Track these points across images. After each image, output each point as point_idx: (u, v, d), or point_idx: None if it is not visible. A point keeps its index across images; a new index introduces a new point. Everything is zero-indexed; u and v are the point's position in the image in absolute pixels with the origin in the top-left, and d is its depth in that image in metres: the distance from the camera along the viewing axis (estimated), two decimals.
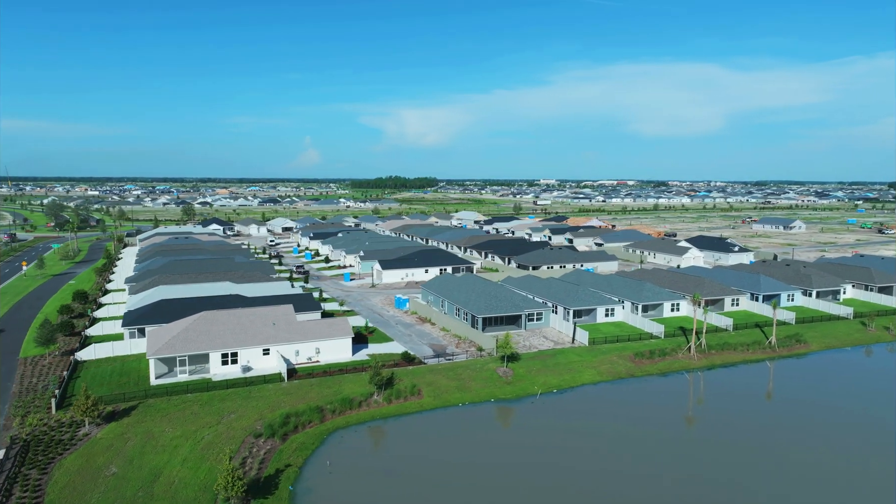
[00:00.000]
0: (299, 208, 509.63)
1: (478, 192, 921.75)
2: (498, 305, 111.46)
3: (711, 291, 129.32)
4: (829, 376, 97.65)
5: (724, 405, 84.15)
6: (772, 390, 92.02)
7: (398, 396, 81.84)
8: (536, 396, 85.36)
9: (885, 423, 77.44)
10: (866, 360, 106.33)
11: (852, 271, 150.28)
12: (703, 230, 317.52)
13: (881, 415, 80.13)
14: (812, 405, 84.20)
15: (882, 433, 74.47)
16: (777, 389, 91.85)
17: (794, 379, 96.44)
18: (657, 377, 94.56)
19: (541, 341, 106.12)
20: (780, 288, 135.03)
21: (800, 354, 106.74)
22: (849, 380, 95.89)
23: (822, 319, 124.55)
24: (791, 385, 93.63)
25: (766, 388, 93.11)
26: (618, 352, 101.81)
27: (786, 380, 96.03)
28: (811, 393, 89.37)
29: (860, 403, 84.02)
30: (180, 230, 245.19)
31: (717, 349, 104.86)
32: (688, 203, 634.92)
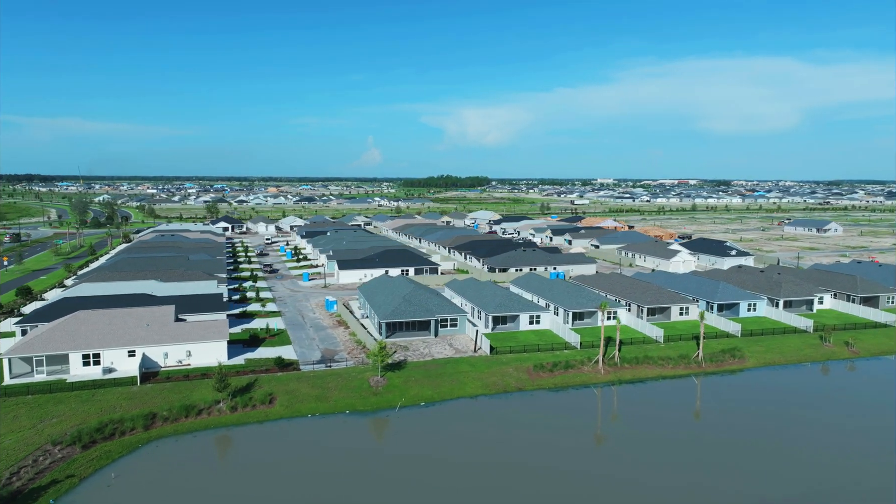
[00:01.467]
0: (332, 207, 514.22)
1: (524, 192, 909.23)
2: (409, 310, 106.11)
3: (657, 299, 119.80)
4: (750, 397, 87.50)
5: (590, 428, 76.35)
6: (665, 412, 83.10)
7: (246, 405, 78.11)
8: (396, 409, 79.90)
9: (786, 454, 68.09)
10: (807, 378, 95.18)
11: (836, 279, 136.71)
12: (731, 231, 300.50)
13: (785, 444, 70.66)
14: (705, 431, 75.34)
15: (778, 468, 65.43)
16: (674, 411, 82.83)
17: (705, 399, 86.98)
18: (547, 392, 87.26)
19: (443, 349, 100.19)
20: (741, 296, 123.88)
21: (730, 371, 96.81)
22: (769, 402, 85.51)
23: (775, 332, 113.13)
24: (693, 406, 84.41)
25: (657, 408, 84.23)
26: (519, 363, 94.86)
27: (692, 400, 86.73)
28: (713, 417, 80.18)
29: (767, 431, 74.56)
30: (180, 228, 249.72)
31: (633, 363, 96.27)
32: (737, 203, 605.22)
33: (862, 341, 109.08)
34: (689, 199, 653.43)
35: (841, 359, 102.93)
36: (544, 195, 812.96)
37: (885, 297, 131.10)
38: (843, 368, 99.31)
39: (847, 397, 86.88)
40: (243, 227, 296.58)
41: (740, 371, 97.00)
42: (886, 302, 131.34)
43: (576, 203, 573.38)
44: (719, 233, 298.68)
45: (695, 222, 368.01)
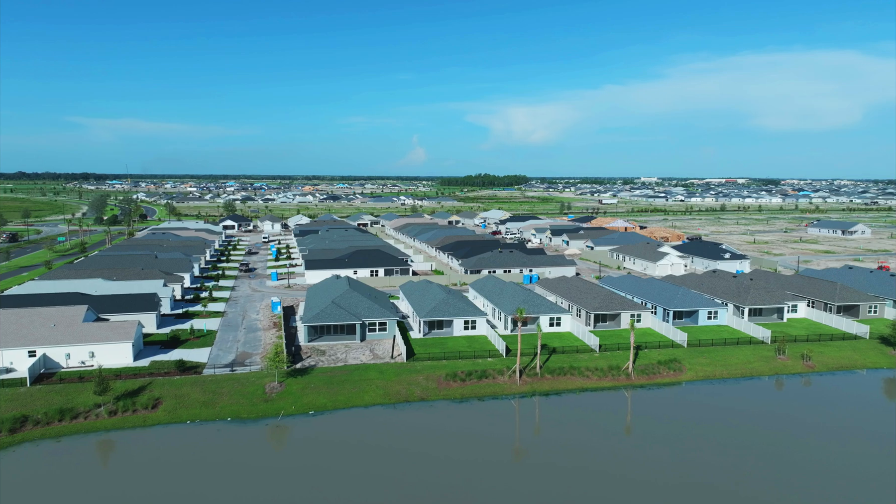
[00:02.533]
0: (355, 205, 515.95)
1: (559, 191, 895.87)
2: (335, 314, 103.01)
3: (606, 305, 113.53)
4: (670, 413, 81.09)
5: (475, 442, 71.57)
6: (565, 428, 77.55)
7: (127, 409, 76.38)
8: (278, 418, 76.90)
9: (685, 480, 62.29)
10: (744, 395, 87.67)
11: (816, 286, 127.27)
12: (750, 233, 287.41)
13: (685, 469, 64.73)
14: (602, 450, 69.77)
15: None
16: (575, 428, 77.22)
17: (618, 415, 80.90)
18: (450, 403, 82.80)
19: (362, 355, 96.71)
20: (702, 303, 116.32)
21: (662, 384, 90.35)
22: (689, 419, 78.88)
23: (727, 342, 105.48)
24: (601, 423, 78.47)
25: (560, 424, 78.72)
26: (433, 371, 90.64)
27: (601, 415, 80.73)
28: (618, 435, 74.37)
29: (672, 451, 68.64)
30: (179, 226, 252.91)
31: (558, 374, 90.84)
32: (776, 203, 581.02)
33: (823, 354, 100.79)
34: (725, 199, 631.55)
35: (792, 373, 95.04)
36: (578, 194, 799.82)
37: (867, 305, 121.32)
38: (789, 384, 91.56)
39: (777, 417, 79.52)
40: (250, 226, 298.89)
41: (674, 385, 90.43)
42: (868, 311, 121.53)
43: (604, 202, 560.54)
44: (736, 234, 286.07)
45: (717, 223, 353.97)
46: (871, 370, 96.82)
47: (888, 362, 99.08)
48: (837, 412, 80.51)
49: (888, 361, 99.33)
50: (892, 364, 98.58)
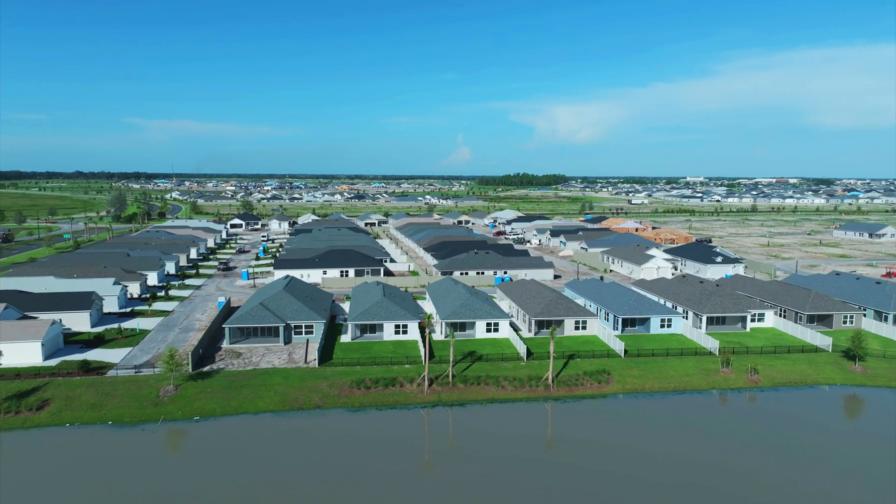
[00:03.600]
0: (378, 204, 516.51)
1: (595, 191, 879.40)
2: (259, 315, 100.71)
3: (549, 310, 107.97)
4: (572, 431, 75.84)
5: (350, 454, 67.82)
6: (449, 443, 73.19)
7: (10, 410, 75.65)
8: (158, 423, 74.87)
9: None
10: (667, 410, 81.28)
11: (790, 294, 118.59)
12: (769, 236, 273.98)
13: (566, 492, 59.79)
14: (482, 468, 65.25)
15: None
16: (469, 440, 72.71)
17: (520, 429, 75.79)
18: (345, 411, 79.35)
19: (277, 358, 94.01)
20: (655, 311, 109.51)
21: (583, 396, 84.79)
22: (591, 436, 73.53)
23: (670, 353, 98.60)
24: (493, 438, 73.62)
25: (446, 437, 74.36)
26: (340, 377, 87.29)
27: (499, 429, 75.80)
28: (507, 453, 69.57)
29: (558, 472, 63.78)
30: (180, 225, 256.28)
31: (473, 383, 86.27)
32: (817, 204, 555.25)
33: (772, 368, 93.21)
34: (764, 199, 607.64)
35: (731, 388, 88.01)
36: (613, 194, 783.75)
37: (841, 315, 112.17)
38: (723, 400, 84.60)
39: (691, 434, 73.20)
40: (258, 224, 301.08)
41: (594, 398, 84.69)
42: (842, 322, 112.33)
43: (632, 202, 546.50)
44: (755, 236, 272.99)
45: (741, 225, 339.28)
46: (821, 386, 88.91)
47: (844, 378, 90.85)
48: (758, 431, 73.64)
49: (844, 377, 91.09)
50: (847, 380, 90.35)
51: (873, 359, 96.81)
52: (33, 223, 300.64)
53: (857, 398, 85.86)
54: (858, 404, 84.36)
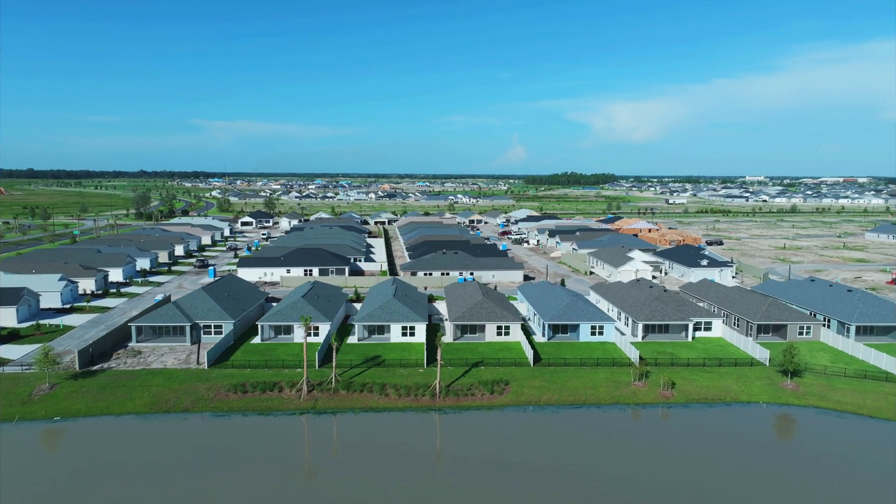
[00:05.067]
0: (408, 203, 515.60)
1: (641, 191, 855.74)
2: (167, 315, 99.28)
3: (471, 315, 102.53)
4: (430, 444, 70.81)
5: (175, 460, 64.82)
6: (286, 454, 69.20)
7: None
8: (13, 423, 73.85)
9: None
10: (557, 425, 75.04)
11: (748, 301, 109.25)
12: (790, 238, 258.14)
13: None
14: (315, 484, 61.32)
15: None
16: (324, 451, 68.69)
17: (374, 439, 71.25)
18: (210, 416, 76.49)
19: (172, 358, 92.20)
20: (586, 317, 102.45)
21: (470, 407, 79.46)
22: (453, 450, 68.35)
23: (585, 363, 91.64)
24: (351, 448, 69.30)
25: (293, 447, 70.42)
26: (225, 380, 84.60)
27: (358, 439, 71.39)
28: (341, 467, 65.33)
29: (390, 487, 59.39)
30: (186, 222, 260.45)
31: (356, 389, 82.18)
32: (874, 205, 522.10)
33: (693, 383, 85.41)
34: (815, 199, 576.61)
35: (638, 403, 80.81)
36: (659, 193, 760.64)
37: (796, 326, 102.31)
38: (623, 416, 77.72)
39: (569, 453, 66.99)
40: (269, 222, 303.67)
41: (483, 408, 79.19)
42: (798, 333, 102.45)
43: (669, 202, 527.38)
44: (778, 238, 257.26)
45: (770, 226, 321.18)
46: (741, 404, 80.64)
47: (769, 395, 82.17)
48: (637, 451, 66.75)
49: (770, 394, 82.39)
50: (772, 398, 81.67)
51: (813, 375, 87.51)
52: (59, 220, 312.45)
53: (773, 417, 77.25)
54: (767, 424, 75.77)
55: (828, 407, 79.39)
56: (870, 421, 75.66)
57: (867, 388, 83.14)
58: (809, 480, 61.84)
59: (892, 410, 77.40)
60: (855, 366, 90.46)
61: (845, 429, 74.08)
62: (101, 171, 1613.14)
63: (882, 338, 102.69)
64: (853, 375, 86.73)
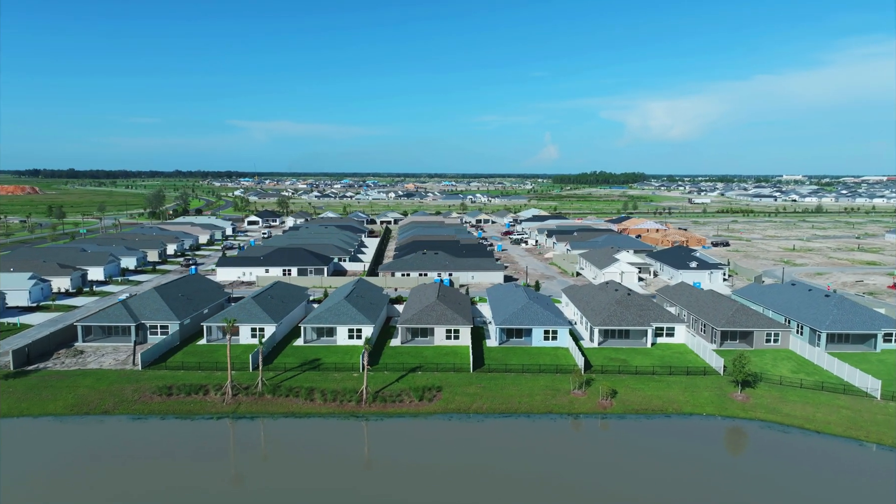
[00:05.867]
0: (426, 202, 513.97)
1: (669, 190, 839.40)
2: (113, 314, 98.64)
3: (420, 318, 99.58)
4: (351, 448, 68.21)
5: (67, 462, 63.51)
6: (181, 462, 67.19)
7: None
8: None
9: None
10: (479, 435, 71.81)
11: (716, 306, 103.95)
12: (804, 240, 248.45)
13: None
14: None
15: None
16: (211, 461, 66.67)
17: (286, 447, 69.03)
18: (128, 419, 75.08)
19: (110, 358, 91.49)
20: (538, 321, 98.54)
21: (394, 414, 76.65)
22: (348, 459, 65.77)
23: (526, 369, 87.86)
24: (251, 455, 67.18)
25: (197, 453, 68.44)
26: (156, 381, 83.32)
27: (248, 448, 69.23)
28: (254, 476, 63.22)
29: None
30: (188, 221, 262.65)
31: (282, 393, 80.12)
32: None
33: (636, 392, 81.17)
34: (849, 199, 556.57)
35: (573, 412, 76.89)
36: (686, 192, 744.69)
37: (763, 333, 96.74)
38: (551, 426, 73.93)
39: (480, 465, 63.81)
40: (276, 221, 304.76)
41: (406, 416, 76.25)
42: (765, 340, 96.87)
43: (694, 202, 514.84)
44: (792, 239, 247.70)
45: (789, 227, 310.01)
46: (682, 416, 76.14)
47: (715, 407, 77.41)
48: (555, 465, 63.13)
49: (716, 406, 77.62)
50: (718, 410, 76.91)
51: (767, 385, 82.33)
52: (77, 220, 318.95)
53: (709, 430, 72.56)
54: (700, 437, 71.09)
55: (774, 420, 74.38)
56: (814, 437, 70.50)
57: (821, 400, 77.72)
58: (716, 497, 57.46)
59: (841, 425, 72.06)
60: (816, 376, 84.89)
61: (781, 445, 69.17)
62: (137, 171, 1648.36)
63: (858, 346, 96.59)
64: (810, 387, 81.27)
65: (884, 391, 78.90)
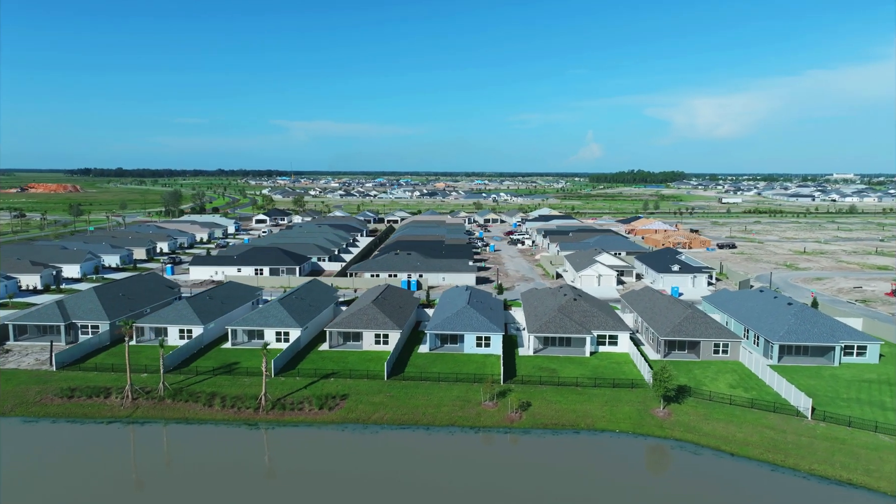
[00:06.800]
0: (448, 201, 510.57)
1: (705, 189, 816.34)
2: (38, 315, 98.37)
3: (350, 322, 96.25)
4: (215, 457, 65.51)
5: None
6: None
7: None
8: None
9: None
10: (368, 446, 68.25)
11: (667, 312, 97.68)
12: (823, 241, 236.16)
13: None
14: None
15: None
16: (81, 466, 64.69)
17: (173, 453, 66.71)
18: (19, 420, 74.14)
19: (32, 359, 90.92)
20: (472, 327, 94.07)
21: (291, 423, 73.73)
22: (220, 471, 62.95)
23: (443, 379, 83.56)
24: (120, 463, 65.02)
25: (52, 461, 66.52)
26: (64, 383, 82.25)
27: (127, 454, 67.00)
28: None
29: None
30: (190, 219, 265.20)
31: (184, 398, 77.95)
32: None
33: (553, 405, 76.34)
34: (891, 199, 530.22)
35: (477, 426, 72.54)
36: (723, 191, 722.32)
37: (710, 344, 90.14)
38: (451, 440, 69.78)
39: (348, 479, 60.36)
40: (285, 220, 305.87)
41: (304, 425, 73.19)
42: (713, 351, 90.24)
43: (724, 201, 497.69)
44: (808, 241, 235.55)
45: (812, 228, 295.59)
46: (592, 432, 70.99)
47: (632, 424, 71.93)
48: (438, 480, 59.10)
49: (634, 423, 72.13)
50: (635, 427, 71.47)
51: (695, 401, 76.19)
52: (99, 217, 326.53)
53: (613, 448, 67.17)
54: (597, 457, 65.76)
55: (690, 440, 68.58)
56: (725, 459, 64.58)
57: (748, 419, 71.33)
58: None
59: (760, 447, 65.83)
60: (755, 392, 78.27)
61: (684, 467, 63.69)
62: (181, 170, 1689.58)
63: (817, 359, 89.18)
64: (741, 404, 74.80)
65: (822, 410, 72.00)
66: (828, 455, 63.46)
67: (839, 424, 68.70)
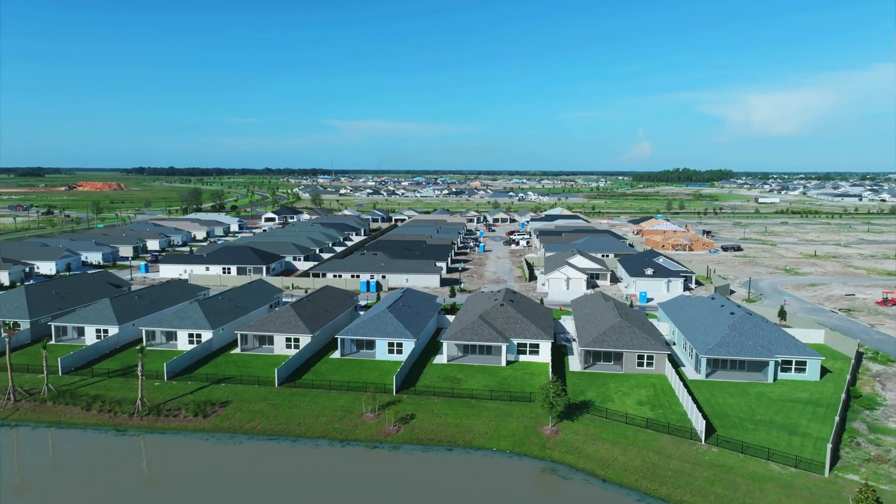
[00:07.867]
0: (473, 200, 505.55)
1: (749, 189, 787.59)
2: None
3: (263, 325, 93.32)
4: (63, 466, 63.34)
5: None
6: None
7: None
8: None
9: None
10: (223, 458, 65.07)
11: (600, 320, 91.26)
12: (842, 244, 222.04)
13: None
14: None
15: None
16: None
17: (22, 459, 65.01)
18: None
19: None
20: (385, 332, 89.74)
21: (167, 429, 71.27)
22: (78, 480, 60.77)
23: (333, 387, 79.49)
24: None
25: None
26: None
27: None
28: None
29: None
30: (192, 218, 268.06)
31: (66, 402, 76.46)
32: None
33: (440, 418, 71.77)
34: None
35: (347, 439, 68.68)
36: (767, 191, 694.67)
37: (633, 355, 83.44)
38: (311, 453, 65.92)
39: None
40: (294, 218, 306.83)
41: (171, 432, 70.62)
42: (635, 364, 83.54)
43: (760, 201, 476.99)
44: (827, 244, 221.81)
45: (838, 230, 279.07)
46: (468, 450, 66.21)
47: (513, 443, 66.77)
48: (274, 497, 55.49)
49: (516, 441, 66.91)
50: (515, 446, 66.33)
51: (591, 418, 70.07)
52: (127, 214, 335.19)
53: (478, 468, 61.96)
54: (455, 477, 60.61)
55: (567, 462, 62.92)
56: (594, 485, 58.96)
57: (638, 441, 64.96)
58: None
59: (638, 473, 59.71)
60: (661, 410, 71.54)
61: (547, 492, 57.98)
62: (230, 169, 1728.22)
63: (753, 374, 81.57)
64: (635, 423, 68.33)
65: (721, 434, 64.99)
66: (706, 485, 56.90)
67: (732, 450, 61.70)
